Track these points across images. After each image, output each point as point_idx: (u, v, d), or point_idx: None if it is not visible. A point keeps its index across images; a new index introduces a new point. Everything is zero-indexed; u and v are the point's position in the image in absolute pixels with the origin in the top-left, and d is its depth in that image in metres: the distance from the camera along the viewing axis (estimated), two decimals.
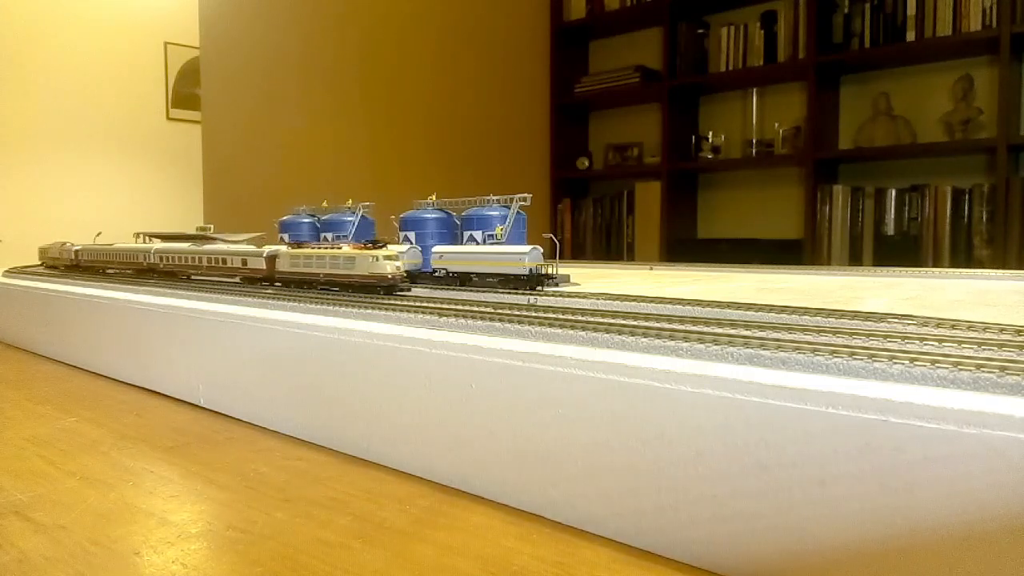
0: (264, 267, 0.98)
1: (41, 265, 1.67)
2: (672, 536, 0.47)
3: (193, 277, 1.17)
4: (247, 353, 0.80)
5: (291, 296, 0.89)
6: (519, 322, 0.63)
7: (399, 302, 0.79)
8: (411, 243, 1.00)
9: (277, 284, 0.98)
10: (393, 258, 0.84)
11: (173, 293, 1.01)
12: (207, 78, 2.45)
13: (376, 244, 0.89)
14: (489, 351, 0.57)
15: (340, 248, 0.90)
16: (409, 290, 0.90)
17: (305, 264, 0.92)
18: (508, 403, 0.55)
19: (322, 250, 0.91)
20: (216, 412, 0.84)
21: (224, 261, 1.06)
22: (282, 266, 0.96)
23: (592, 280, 1.15)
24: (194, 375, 0.88)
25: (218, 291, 0.98)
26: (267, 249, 0.99)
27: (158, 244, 1.31)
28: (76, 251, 1.52)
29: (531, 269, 0.85)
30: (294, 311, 0.81)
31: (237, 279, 1.05)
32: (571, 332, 0.58)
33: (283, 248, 0.98)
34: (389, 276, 0.84)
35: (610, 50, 3.69)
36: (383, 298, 0.83)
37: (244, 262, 1.02)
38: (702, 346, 0.51)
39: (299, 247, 0.96)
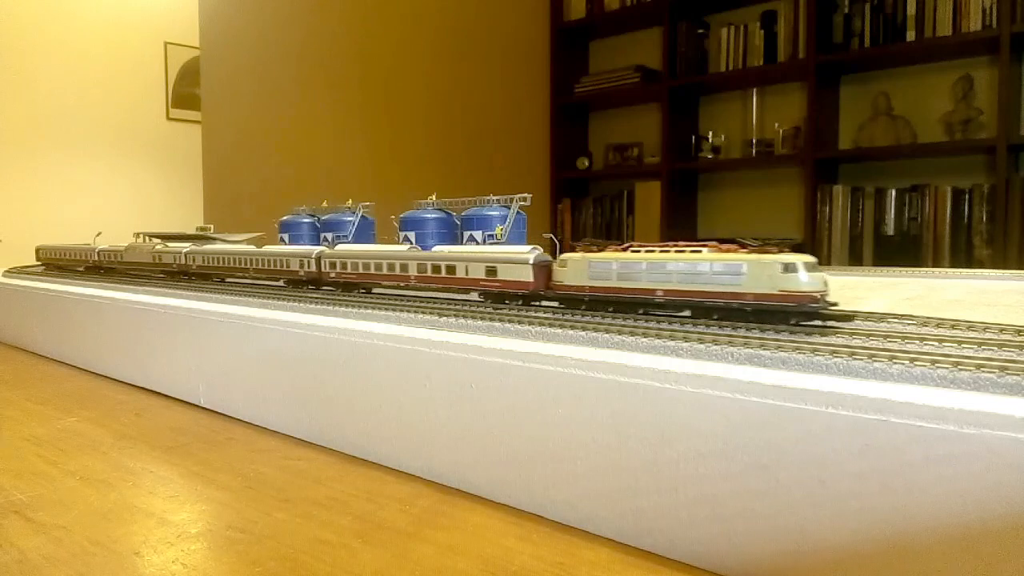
0: (532, 280, 0.70)
1: (41, 265, 1.65)
2: (672, 536, 0.47)
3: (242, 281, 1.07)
4: (247, 353, 0.80)
5: (291, 296, 0.89)
6: (519, 322, 0.63)
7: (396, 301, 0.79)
8: (411, 243, 1.00)
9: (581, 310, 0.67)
10: (811, 266, 0.55)
11: (173, 293, 1.01)
12: (207, 78, 2.45)
13: (759, 245, 0.58)
14: (489, 351, 0.57)
15: (698, 251, 0.59)
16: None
17: (627, 274, 0.62)
18: (508, 403, 0.55)
19: (663, 253, 0.61)
20: (216, 412, 0.84)
21: (455, 270, 0.78)
22: (574, 277, 0.66)
23: None
24: (194, 375, 0.88)
25: (219, 291, 0.98)
26: (573, 257, 0.68)
27: (189, 245, 1.22)
28: (100, 252, 1.42)
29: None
30: (295, 311, 0.81)
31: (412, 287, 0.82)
32: (571, 332, 0.58)
33: (578, 255, 0.67)
34: (812, 295, 0.54)
35: (610, 50, 3.69)
36: (378, 297, 0.82)
37: (492, 271, 0.74)
38: (702, 346, 0.51)
39: (597, 249, 0.66)
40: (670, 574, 0.45)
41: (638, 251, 0.63)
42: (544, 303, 0.71)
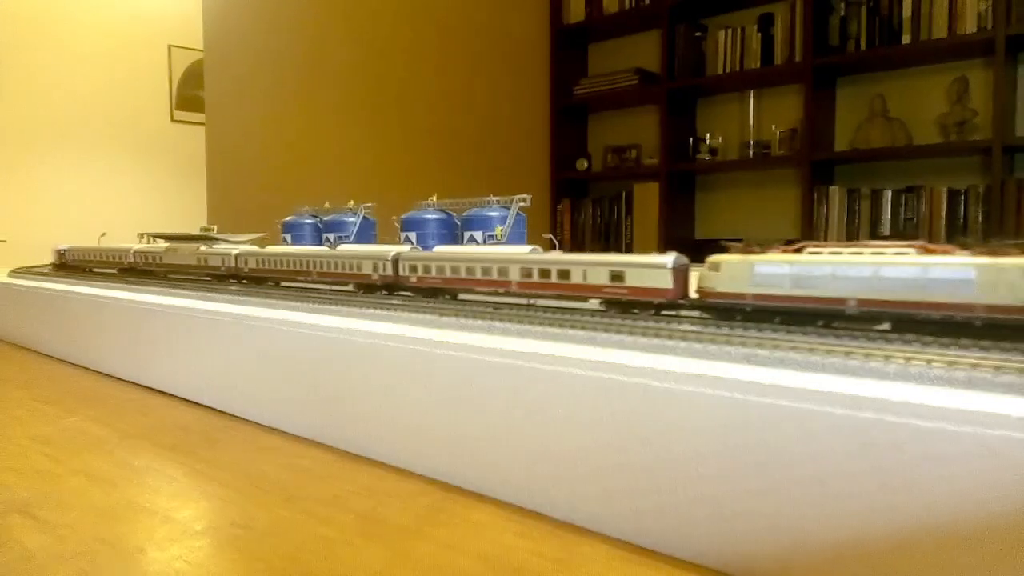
0: (671, 287, 0.61)
1: (53, 266, 1.62)
2: (672, 536, 0.47)
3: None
4: (250, 353, 0.80)
5: (292, 296, 0.89)
6: (519, 322, 0.64)
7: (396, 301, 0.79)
8: (412, 244, 1.00)
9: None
10: None
11: (177, 293, 1.01)
12: (211, 80, 2.45)
13: (997, 246, 0.48)
14: (489, 351, 0.57)
15: (903, 252, 0.50)
16: None
17: (807, 279, 0.54)
18: (508, 403, 0.56)
19: (855, 254, 0.52)
20: (219, 411, 0.85)
21: (569, 274, 0.67)
22: (731, 283, 0.57)
23: None
24: (197, 374, 0.89)
25: (219, 291, 0.99)
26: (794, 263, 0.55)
27: (242, 247, 1.12)
28: (135, 253, 1.32)
29: None
30: (297, 311, 0.81)
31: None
32: (571, 332, 0.59)
33: (735, 257, 0.58)
34: None
35: (609, 52, 3.69)
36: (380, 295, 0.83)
37: (619, 276, 0.64)
38: (702, 346, 0.51)
39: (759, 250, 0.57)
40: (670, 572, 0.46)
41: (818, 252, 0.54)
42: (683, 313, 0.62)
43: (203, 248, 1.14)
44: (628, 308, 0.65)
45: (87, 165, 3.36)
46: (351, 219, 1.09)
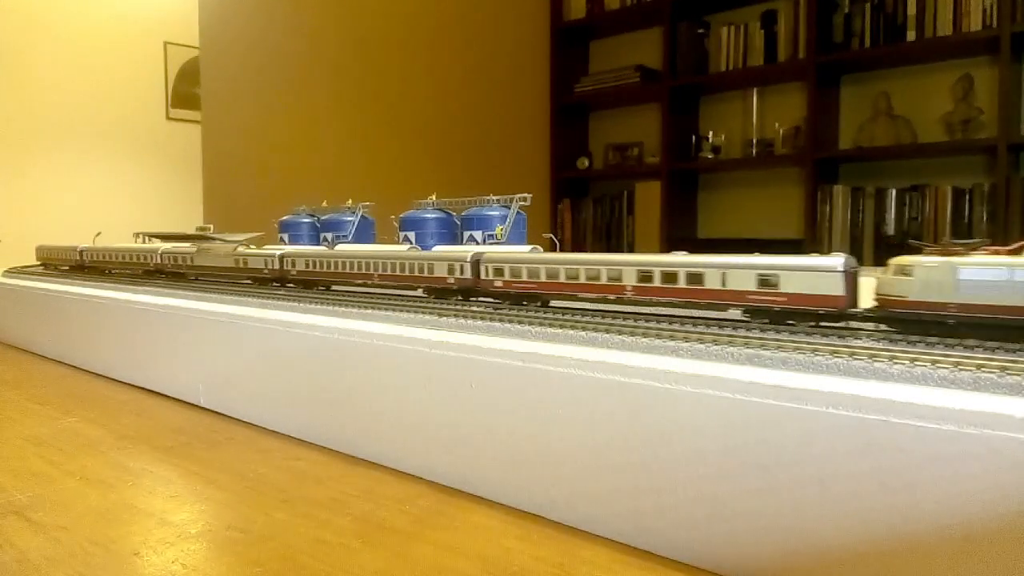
0: (843, 293, 0.53)
1: (41, 265, 1.63)
2: (672, 536, 0.47)
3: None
4: (247, 353, 0.80)
5: (291, 296, 0.89)
6: (519, 322, 0.63)
7: (398, 301, 0.79)
8: (411, 243, 1.00)
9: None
10: None
11: (173, 293, 1.01)
12: (207, 78, 2.45)
13: None
14: (489, 351, 0.57)
15: None
16: None
17: None
18: (508, 403, 0.55)
19: None
20: (216, 412, 0.84)
21: (702, 279, 0.59)
22: (928, 290, 0.49)
23: None
24: (194, 375, 0.88)
25: (218, 291, 0.98)
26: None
27: (287, 247, 1.06)
28: (163, 255, 1.22)
29: None
30: (295, 311, 0.81)
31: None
32: (571, 332, 0.58)
33: (934, 259, 0.50)
34: None
35: (610, 50, 3.68)
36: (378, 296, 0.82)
37: (769, 281, 0.56)
38: (702, 346, 0.51)
39: (964, 251, 0.51)
40: (670, 574, 0.45)
41: None
42: (854, 325, 0.54)
43: (241, 249, 1.05)
44: (782, 319, 0.56)
45: (82, 163, 3.36)
46: (349, 218, 1.08)
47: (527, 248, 0.85)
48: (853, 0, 2.81)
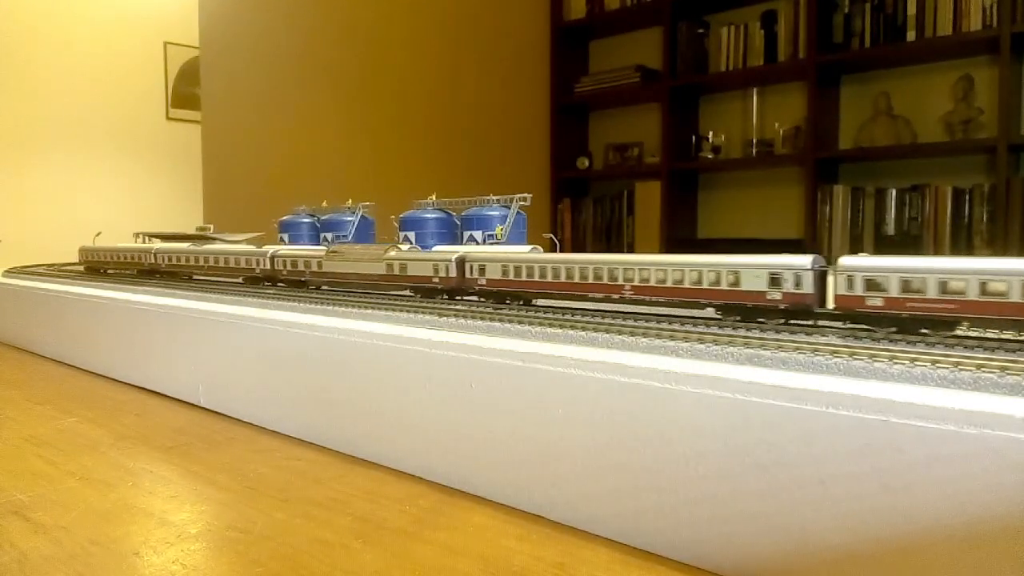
0: None
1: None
2: (672, 536, 0.47)
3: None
4: (247, 353, 0.80)
5: (291, 296, 0.89)
6: (519, 322, 0.63)
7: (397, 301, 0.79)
8: (411, 243, 1.00)
9: None
10: None
11: (173, 293, 1.01)
12: (207, 78, 2.45)
13: None
14: (489, 351, 0.57)
15: None
16: None
17: None
18: (508, 403, 0.55)
19: None
20: (216, 412, 0.84)
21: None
22: None
23: None
24: (194, 375, 0.88)
25: (219, 291, 0.98)
26: None
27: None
28: (274, 257, 1.01)
29: None
30: (294, 311, 0.81)
31: None
32: (571, 332, 0.58)
33: None
34: None
35: (610, 50, 3.68)
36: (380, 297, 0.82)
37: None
38: (702, 346, 0.51)
39: None
40: (670, 574, 0.45)
41: None
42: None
43: (393, 253, 0.86)
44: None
45: (82, 163, 3.36)
46: (349, 218, 1.08)
47: (527, 248, 0.85)
48: (853, 0, 2.81)
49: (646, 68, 3.38)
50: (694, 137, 3.35)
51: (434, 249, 0.91)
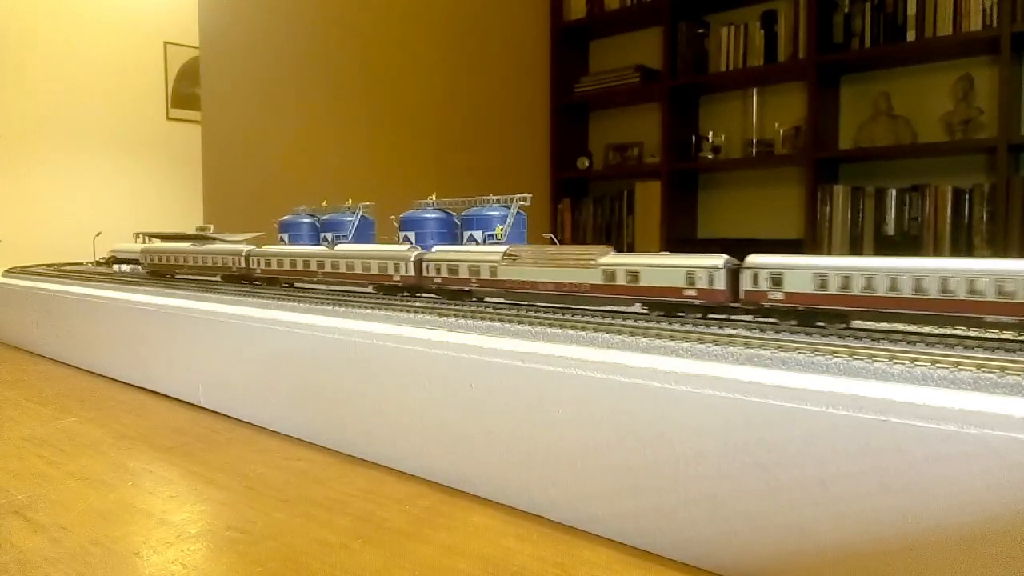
0: None
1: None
2: (672, 536, 0.47)
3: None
4: (247, 353, 0.80)
5: (291, 296, 0.89)
6: (519, 322, 0.63)
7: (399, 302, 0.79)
8: (411, 243, 1.00)
9: None
10: None
11: (173, 293, 1.01)
12: (207, 78, 2.45)
13: None
14: (489, 351, 0.57)
15: None
16: None
17: None
18: (508, 403, 0.55)
19: None
20: (216, 412, 0.84)
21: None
22: None
23: None
24: (194, 375, 0.88)
25: (220, 291, 0.98)
26: None
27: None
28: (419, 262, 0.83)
29: None
30: (294, 311, 0.81)
31: None
32: (571, 332, 0.58)
33: None
34: None
35: (610, 50, 3.68)
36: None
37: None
38: (702, 346, 0.51)
39: None
40: (670, 574, 0.45)
41: None
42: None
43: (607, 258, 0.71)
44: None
45: (82, 163, 3.36)
46: (349, 218, 1.08)
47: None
48: (853, 0, 2.81)
49: (646, 68, 3.38)
50: (694, 137, 3.35)
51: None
